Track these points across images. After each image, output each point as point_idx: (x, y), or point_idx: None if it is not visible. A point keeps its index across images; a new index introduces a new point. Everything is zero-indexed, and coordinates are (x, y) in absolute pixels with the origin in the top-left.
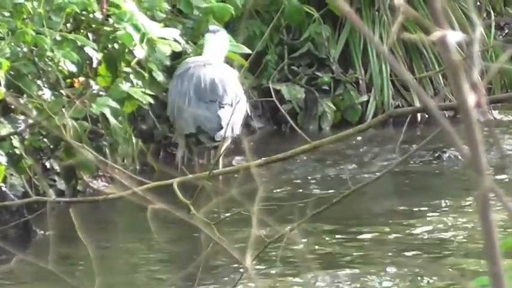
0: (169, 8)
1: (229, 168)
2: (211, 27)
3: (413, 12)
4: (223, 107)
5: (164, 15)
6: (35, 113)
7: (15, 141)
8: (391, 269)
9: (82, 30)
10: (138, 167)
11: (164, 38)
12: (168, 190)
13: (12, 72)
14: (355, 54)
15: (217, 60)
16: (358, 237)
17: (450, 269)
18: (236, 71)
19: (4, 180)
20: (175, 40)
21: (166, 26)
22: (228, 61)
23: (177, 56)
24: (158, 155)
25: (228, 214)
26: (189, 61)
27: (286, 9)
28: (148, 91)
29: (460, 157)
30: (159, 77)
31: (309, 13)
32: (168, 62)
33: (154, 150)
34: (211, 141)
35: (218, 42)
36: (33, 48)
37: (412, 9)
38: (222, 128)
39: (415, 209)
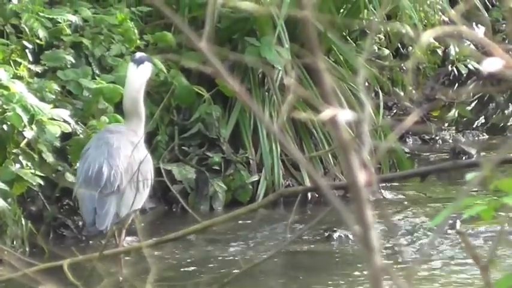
0: (58, 89)
1: (121, 248)
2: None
3: (303, 91)
4: (103, 198)
5: (54, 96)
6: None
7: None
8: None
9: None
10: (27, 249)
11: (54, 119)
12: (61, 271)
13: None
14: (245, 134)
15: (129, 130)
16: None
17: None
18: (145, 149)
19: None
20: (65, 121)
21: (56, 106)
22: None
23: (67, 137)
24: (48, 236)
25: None
26: (106, 130)
27: (176, 90)
28: (38, 172)
29: (350, 236)
30: (49, 158)
31: (199, 93)
32: (58, 143)
33: (44, 232)
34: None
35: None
36: None
37: (302, 88)
38: (94, 223)
39: None
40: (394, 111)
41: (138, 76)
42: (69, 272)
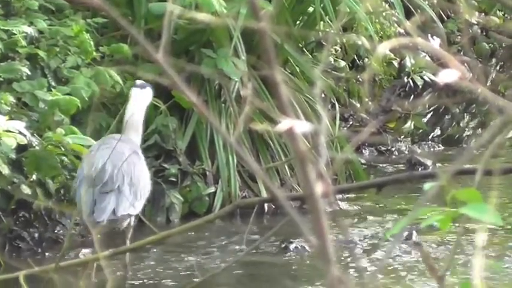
0: (14, 100)
1: (77, 260)
2: (137, 81)
3: (260, 103)
4: (103, 194)
5: (9, 108)
6: None
7: None
8: None
9: None
10: None
11: (9, 131)
12: (17, 283)
13: None
14: (202, 146)
15: (132, 141)
16: None
17: None
18: (141, 156)
19: None
20: (20, 133)
21: (11, 118)
22: None
23: (23, 149)
24: (4, 248)
25: None
26: (109, 137)
27: None
28: None
29: (306, 247)
30: (5, 170)
31: (156, 105)
32: (13, 155)
33: None
34: (85, 223)
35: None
36: None
37: (258, 100)
38: (93, 213)
39: None
40: (351, 122)
41: (142, 98)
42: (25, 284)
